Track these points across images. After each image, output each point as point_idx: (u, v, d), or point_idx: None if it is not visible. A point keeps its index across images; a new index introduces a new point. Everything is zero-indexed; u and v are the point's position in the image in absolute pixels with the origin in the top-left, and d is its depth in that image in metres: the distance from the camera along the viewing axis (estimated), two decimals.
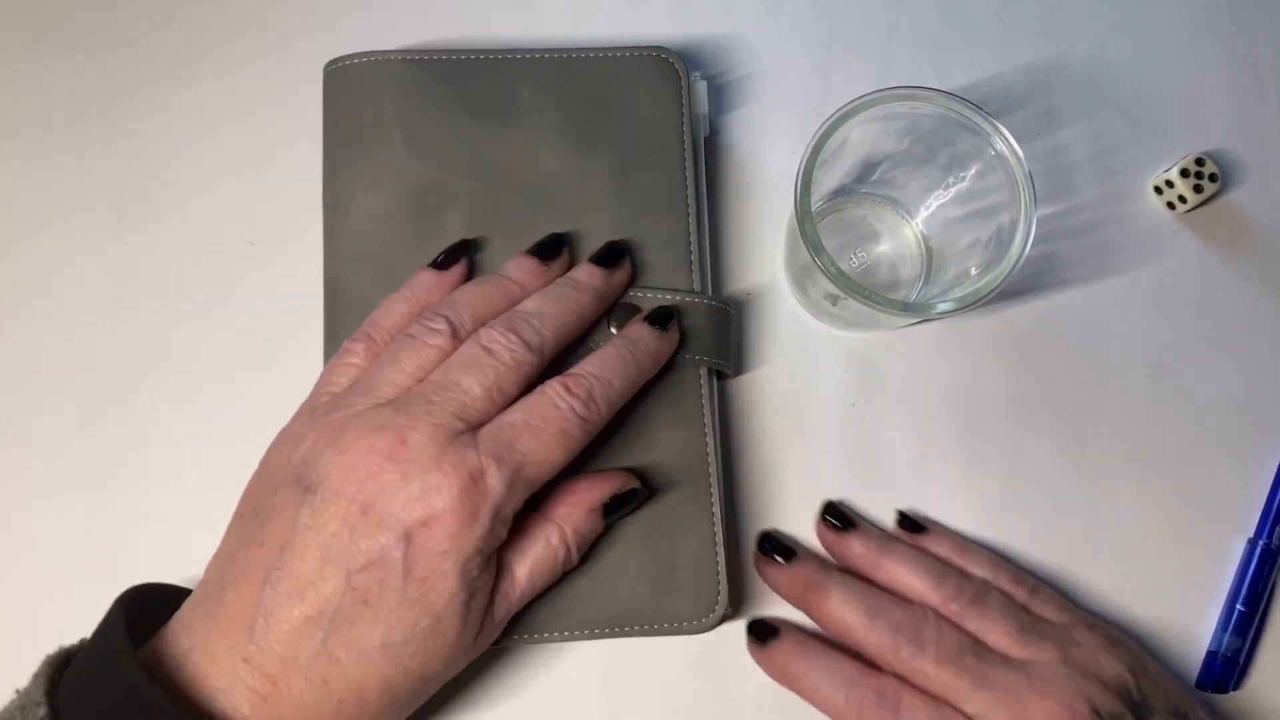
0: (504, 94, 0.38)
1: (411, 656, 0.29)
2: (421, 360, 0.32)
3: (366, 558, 0.29)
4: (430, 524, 0.29)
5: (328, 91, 0.38)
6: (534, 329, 0.32)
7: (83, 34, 0.42)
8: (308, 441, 0.31)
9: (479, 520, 0.29)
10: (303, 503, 0.29)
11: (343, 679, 0.28)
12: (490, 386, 0.31)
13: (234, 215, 0.41)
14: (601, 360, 0.33)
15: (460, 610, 0.29)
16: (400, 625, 0.29)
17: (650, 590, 0.35)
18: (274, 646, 0.28)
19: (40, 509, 0.38)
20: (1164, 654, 0.38)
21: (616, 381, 0.33)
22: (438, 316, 0.33)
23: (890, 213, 0.41)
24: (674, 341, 0.35)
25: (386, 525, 0.29)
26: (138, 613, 0.31)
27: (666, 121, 0.38)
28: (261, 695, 0.28)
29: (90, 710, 0.27)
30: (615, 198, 0.37)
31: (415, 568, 0.29)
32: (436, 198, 0.37)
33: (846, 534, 0.37)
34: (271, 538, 0.30)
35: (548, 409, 0.31)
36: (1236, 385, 0.41)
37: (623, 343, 0.34)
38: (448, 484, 0.29)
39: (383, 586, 0.28)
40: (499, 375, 0.31)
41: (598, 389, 0.32)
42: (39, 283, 0.40)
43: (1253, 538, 0.39)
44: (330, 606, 0.28)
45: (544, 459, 0.31)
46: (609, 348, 0.34)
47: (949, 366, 0.40)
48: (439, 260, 0.36)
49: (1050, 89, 0.43)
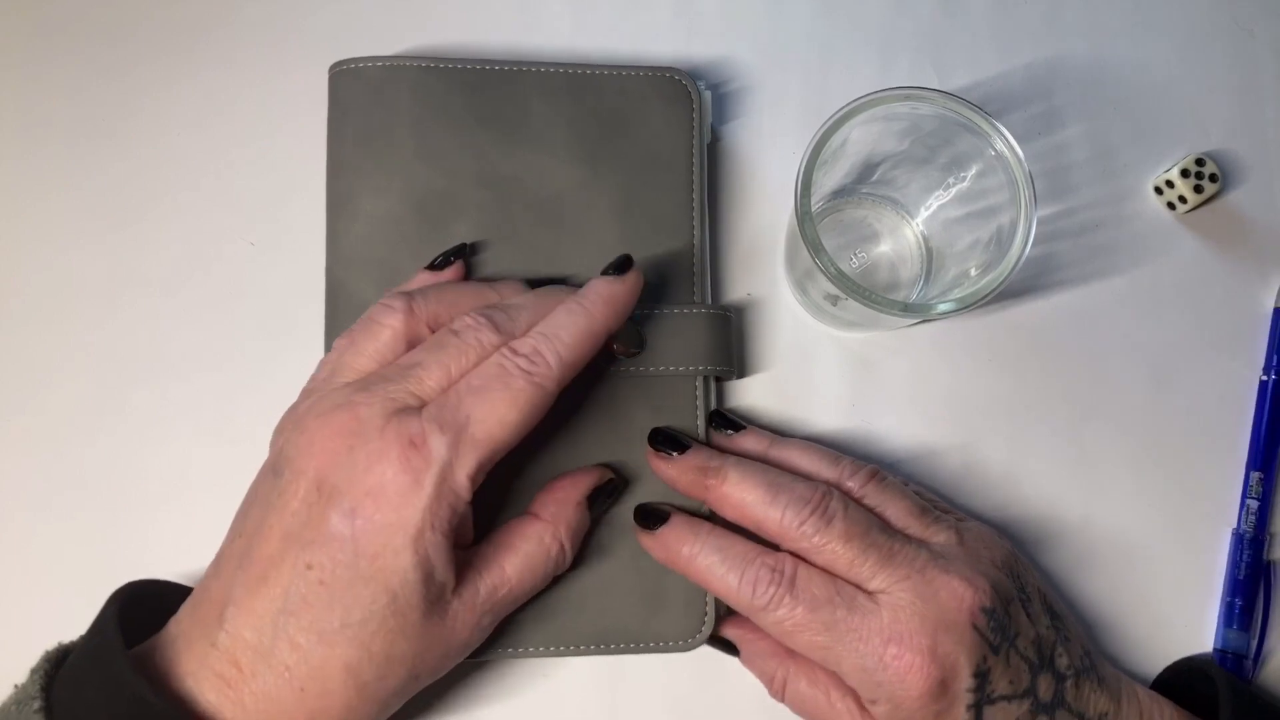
0: (515, 106, 0.38)
1: (373, 636, 0.28)
2: (378, 344, 0.32)
3: (319, 536, 0.28)
4: (373, 494, 0.28)
5: (335, 92, 0.38)
6: (508, 316, 0.32)
7: (82, 31, 0.42)
8: (285, 431, 0.31)
9: (422, 486, 0.28)
10: (273, 487, 0.30)
11: (303, 664, 0.28)
12: (448, 367, 0.30)
13: (234, 214, 0.41)
14: (547, 318, 0.32)
15: (419, 587, 0.28)
16: (357, 604, 0.28)
17: (637, 608, 0.35)
18: (241, 632, 0.28)
19: (38, 505, 0.38)
20: (1174, 656, 0.38)
21: (564, 334, 0.31)
22: (395, 295, 0.33)
23: (890, 213, 0.41)
24: (632, 284, 0.33)
25: (335, 501, 0.28)
26: (137, 609, 0.31)
27: (676, 142, 0.38)
28: (225, 680, 0.28)
29: (80, 703, 0.27)
30: (622, 214, 0.38)
31: (364, 542, 0.28)
32: (444, 205, 0.37)
33: (736, 435, 0.36)
34: (248, 526, 0.30)
35: (491, 369, 0.30)
36: (1236, 385, 0.41)
37: (573, 300, 0.32)
38: (387, 452, 0.28)
39: (335, 565, 0.28)
40: (460, 353, 0.30)
41: (543, 344, 0.31)
42: (38, 281, 0.40)
43: (1235, 528, 0.39)
44: (290, 589, 0.28)
45: (490, 416, 0.29)
46: (559, 307, 0.32)
47: (949, 366, 0.40)
48: (436, 262, 0.36)
49: (1050, 89, 0.43)
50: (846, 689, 0.33)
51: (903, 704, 0.30)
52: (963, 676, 0.30)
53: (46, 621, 0.33)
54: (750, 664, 0.35)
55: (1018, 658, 0.31)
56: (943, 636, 0.30)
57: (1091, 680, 0.33)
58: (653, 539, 0.34)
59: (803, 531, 0.32)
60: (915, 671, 0.30)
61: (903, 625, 0.30)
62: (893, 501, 0.34)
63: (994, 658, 0.31)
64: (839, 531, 0.32)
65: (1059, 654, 0.33)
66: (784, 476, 0.33)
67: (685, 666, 0.37)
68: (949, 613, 0.31)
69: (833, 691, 0.33)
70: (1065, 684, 0.32)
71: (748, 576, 0.32)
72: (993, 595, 0.31)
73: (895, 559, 0.31)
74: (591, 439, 0.36)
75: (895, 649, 0.30)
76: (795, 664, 0.34)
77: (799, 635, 0.31)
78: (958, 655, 0.30)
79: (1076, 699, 0.32)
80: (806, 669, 0.33)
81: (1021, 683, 0.31)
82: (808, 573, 0.32)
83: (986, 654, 0.31)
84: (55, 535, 0.38)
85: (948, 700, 0.30)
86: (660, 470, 0.35)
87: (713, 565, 0.32)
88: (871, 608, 0.31)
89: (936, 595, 0.31)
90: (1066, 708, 0.32)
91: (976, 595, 0.31)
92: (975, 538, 0.34)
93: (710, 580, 0.33)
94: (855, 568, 0.31)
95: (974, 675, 0.30)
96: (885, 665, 0.30)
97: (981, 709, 0.31)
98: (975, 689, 0.30)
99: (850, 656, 0.31)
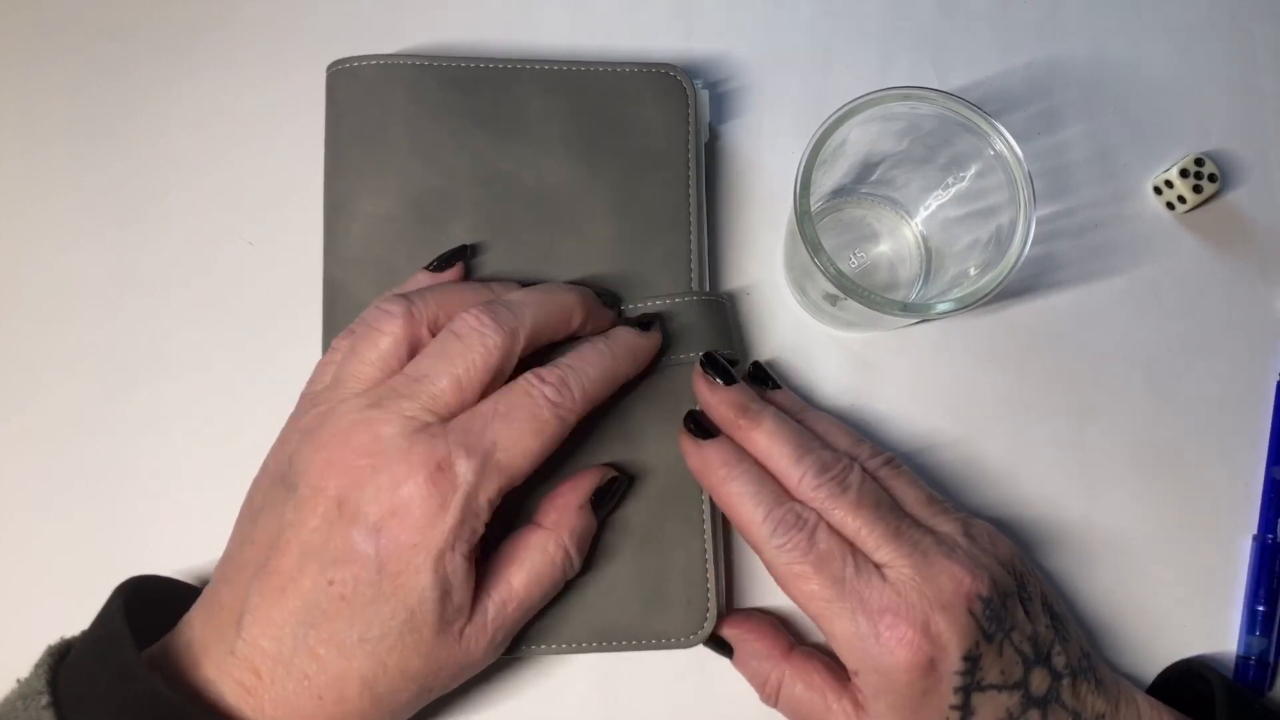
0: (511, 103, 0.38)
1: (389, 651, 0.29)
2: (379, 351, 0.32)
3: (341, 553, 0.29)
4: (399, 515, 0.29)
5: (332, 92, 0.38)
6: (510, 313, 0.32)
7: (82, 31, 0.42)
8: (292, 441, 0.31)
9: (448, 510, 0.29)
10: (287, 500, 0.30)
11: (322, 674, 0.29)
12: (458, 377, 0.31)
13: (232, 214, 0.41)
14: (577, 352, 0.33)
15: (436, 606, 0.29)
16: (376, 620, 0.29)
17: (639, 606, 0.35)
18: (259, 641, 0.29)
19: (37, 504, 0.38)
20: (1174, 659, 0.38)
21: (591, 370, 0.32)
22: (393, 299, 0.33)
23: (890, 213, 0.41)
24: (655, 342, 0.35)
25: (359, 520, 0.29)
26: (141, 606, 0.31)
27: (672, 138, 0.38)
28: (245, 687, 0.29)
29: (90, 697, 0.28)
30: (619, 211, 0.38)
31: (387, 561, 0.29)
32: (440, 203, 0.37)
33: (771, 392, 0.37)
34: (261, 536, 0.30)
35: (518, 396, 0.31)
36: (1236, 385, 0.41)
37: (601, 339, 0.34)
38: (414, 474, 0.29)
39: (358, 581, 0.29)
40: (468, 364, 0.31)
41: (571, 376, 0.32)
42: (38, 281, 0.40)
43: (1256, 534, 0.39)
44: (311, 602, 0.29)
45: (515, 445, 0.30)
46: (584, 342, 0.34)
47: (949, 366, 0.40)
48: (434, 264, 0.36)
49: (1050, 89, 0.43)
50: (843, 690, 0.33)
51: (889, 675, 0.31)
52: (952, 658, 0.30)
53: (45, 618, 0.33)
54: (744, 666, 0.35)
55: (1011, 650, 0.32)
56: (937, 616, 0.30)
57: (1089, 682, 0.33)
58: (696, 449, 0.34)
59: (817, 494, 0.33)
60: (905, 645, 0.30)
61: (901, 599, 0.31)
62: (906, 488, 0.34)
63: (987, 645, 0.31)
64: (851, 500, 0.32)
65: (1056, 652, 0.33)
66: (815, 441, 0.34)
67: (685, 665, 0.37)
68: (947, 594, 0.31)
69: (829, 694, 0.33)
70: (1061, 682, 0.32)
71: (774, 515, 0.32)
72: (991, 586, 0.32)
73: (901, 537, 0.32)
74: (593, 436, 0.36)
75: (890, 619, 0.30)
76: (791, 666, 0.34)
77: (802, 583, 0.32)
78: (950, 636, 0.30)
79: (1073, 698, 0.32)
80: (802, 672, 0.34)
81: (1013, 675, 0.31)
82: (828, 530, 0.32)
83: (979, 640, 0.31)
84: (54, 533, 0.38)
85: (935, 678, 0.30)
86: (702, 394, 0.35)
87: (744, 494, 0.33)
88: (876, 576, 0.31)
89: (937, 577, 0.31)
90: (1061, 704, 0.32)
91: (976, 582, 0.31)
92: (981, 533, 0.34)
93: (736, 506, 0.33)
94: (861, 537, 0.32)
95: (964, 659, 0.31)
96: (878, 634, 0.31)
97: (970, 694, 0.31)
98: (964, 672, 0.31)
99: (845, 618, 0.31)
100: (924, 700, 0.31)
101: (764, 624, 0.36)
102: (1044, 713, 0.32)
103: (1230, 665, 0.38)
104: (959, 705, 0.31)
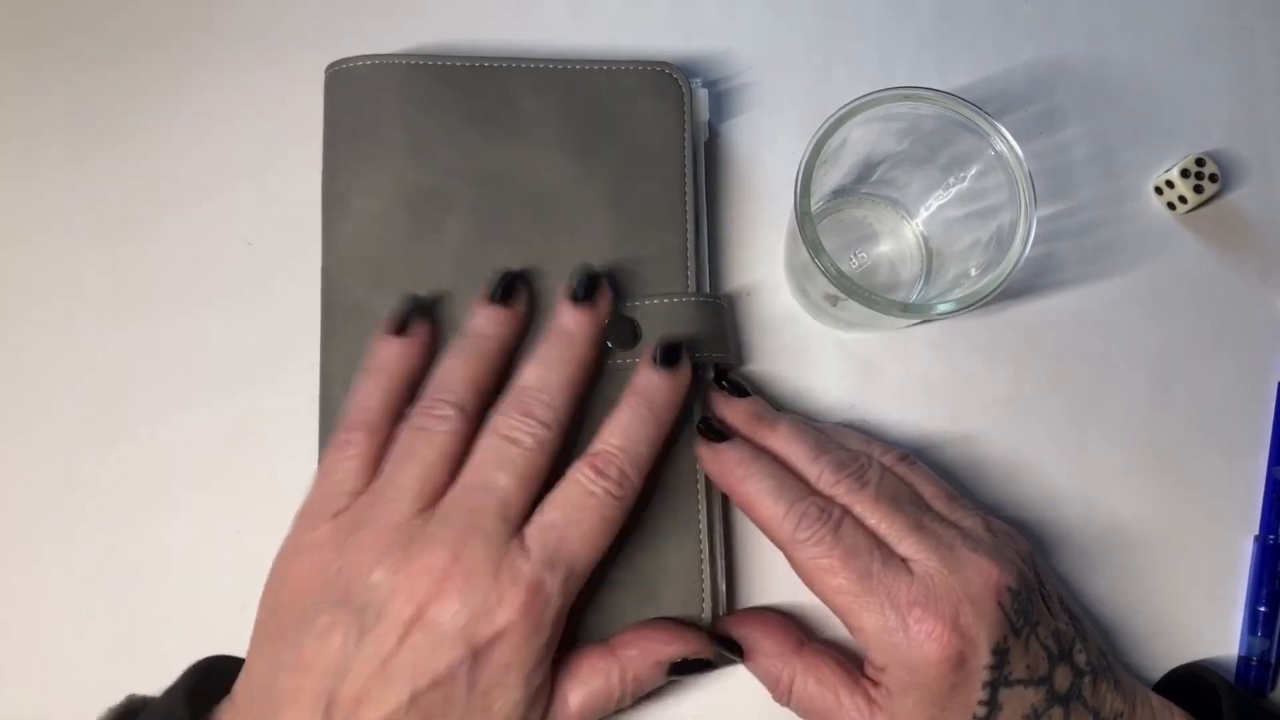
0: (506, 102, 0.38)
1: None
2: (442, 450, 0.32)
3: (433, 676, 0.29)
4: (497, 640, 0.29)
5: (329, 93, 0.38)
6: (546, 405, 0.32)
7: (82, 37, 0.42)
8: (346, 557, 0.30)
9: (543, 628, 0.30)
10: (354, 623, 0.29)
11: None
12: (523, 476, 0.31)
13: (235, 218, 0.40)
14: (623, 429, 0.33)
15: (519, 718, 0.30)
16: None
17: (633, 606, 0.35)
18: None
19: (37, 505, 0.38)
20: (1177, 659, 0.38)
21: (644, 447, 0.33)
22: (440, 402, 0.32)
23: (890, 213, 0.41)
24: (687, 378, 0.35)
25: (451, 643, 0.29)
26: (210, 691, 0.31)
27: (668, 136, 0.38)
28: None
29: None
30: (614, 209, 0.37)
31: (480, 682, 0.29)
32: (435, 202, 0.37)
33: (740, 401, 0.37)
34: (319, 661, 0.29)
35: (584, 499, 0.31)
36: (1236, 385, 0.40)
37: (637, 401, 0.33)
38: (509, 599, 0.29)
39: (447, 703, 0.29)
40: (529, 462, 0.31)
41: (627, 463, 0.32)
42: (39, 286, 0.40)
43: (1258, 535, 0.39)
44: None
45: (591, 551, 0.31)
46: (625, 410, 0.33)
47: (949, 366, 0.40)
48: (395, 327, 0.35)
49: (1050, 89, 0.43)
50: (856, 686, 0.32)
51: (918, 669, 0.30)
52: (982, 652, 0.30)
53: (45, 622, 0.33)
54: (755, 665, 0.35)
55: (1037, 644, 0.31)
56: (967, 609, 0.30)
57: (1108, 681, 0.33)
58: (712, 453, 0.34)
59: (836, 490, 0.33)
60: (935, 639, 0.30)
61: (929, 592, 0.30)
62: (925, 484, 0.34)
63: (1014, 639, 0.31)
64: (870, 494, 0.32)
65: (1078, 650, 0.33)
66: (831, 440, 0.35)
67: None
68: (975, 587, 0.31)
69: (841, 690, 0.32)
70: (1083, 679, 0.32)
71: (796, 509, 0.32)
72: (1019, 578, 0.32)
73: (924, 530, 0.32)
74: (587, 438, 0.36)
75: (919, 612, 0.30)
76: (803, 663, 0.34)
77: (829, 578, 0.31)
78: (979, 630, 0.30)
79: (1093, 696, 0.32)
80: (814, 668, 0.33)
81: (1039, 669, 0.31)
82: (853, 522, 0.32)
83: (1007, 634, 0.31)
84: (54, 534, 0.38)
85: (964, 673, 0.30)
86: (719, 408, 0.36)
87: (763, 490, 0.33)
88: (903, 570, 0.31)
89: (964, 570, 0.31)
90: (1083, 703, 0.32)
91: (1004, 575, 0.31)
92: (1001, 530, 0.34)
93: (756, 503, 0.33)
94: (883, 531, 0.32)
95: (993, 653, 0.30)
96: (907, 628, 0.30)
97: (998, 689, 0.30)
98: (993, 666, 0.30)
99: (873, 612, 0.31)
100: (952, 694, 0.30)
101: (773, 622, 0.35)
102: (1066, 710, 0.31)
103: (1231, 666, 0.38)
104: (986, 700, 0.30)
